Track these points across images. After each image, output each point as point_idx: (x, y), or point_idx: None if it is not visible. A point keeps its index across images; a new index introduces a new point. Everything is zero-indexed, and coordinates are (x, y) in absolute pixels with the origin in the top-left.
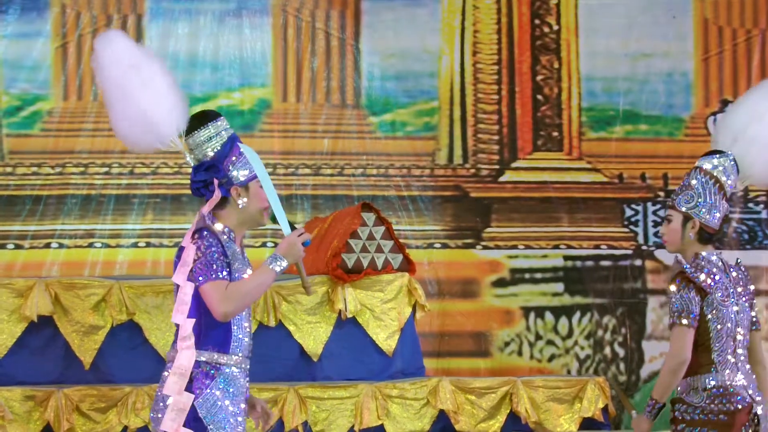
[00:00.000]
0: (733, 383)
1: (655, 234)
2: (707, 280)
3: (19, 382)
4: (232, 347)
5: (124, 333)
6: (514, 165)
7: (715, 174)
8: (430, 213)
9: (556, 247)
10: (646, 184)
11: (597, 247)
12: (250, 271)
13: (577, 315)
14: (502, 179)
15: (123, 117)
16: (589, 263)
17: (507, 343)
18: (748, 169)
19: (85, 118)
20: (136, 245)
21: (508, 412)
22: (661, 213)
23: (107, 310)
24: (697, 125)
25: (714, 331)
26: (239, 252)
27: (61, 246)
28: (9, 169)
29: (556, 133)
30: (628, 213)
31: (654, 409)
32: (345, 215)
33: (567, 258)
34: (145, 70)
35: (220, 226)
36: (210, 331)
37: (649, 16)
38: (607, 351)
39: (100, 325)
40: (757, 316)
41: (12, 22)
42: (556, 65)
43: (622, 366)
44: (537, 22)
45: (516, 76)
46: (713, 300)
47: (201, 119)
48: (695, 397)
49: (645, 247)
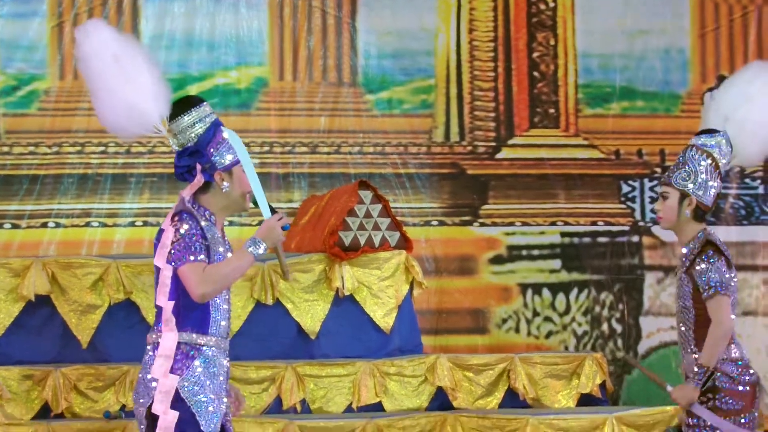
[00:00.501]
0: (744, 354)
1: (652, 210)
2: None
3: (16, 361)
4: (211, 328)
5: (121, 312)
6: (510, 142)
7: (711, 152)
8: (427, 190)
9: (553, 223)
10: (643, 160)
11: (594, 223)
12: (230, 254)
13: (575, 291)
14: (498, 156)
15: (106, 105)
16: (586, 240)
17: (504, 320)
18: (739, 148)
19: (81, 98)
20: (133, 224)
21: (506, 388)
22: (658, 189)
23: (104, 290)
24: (693, 101)
25: (734, 301)
26: (219, 235)
27: (58, 225)
28: (6, 148)
29: (552, 110)
30: (625, 189)
31: (704, 377)
32: (342, 193)
33: (564, 234)
34: (126, 58)
35: (199, 209)
36: (189, 312)
37: None
38: (604, 327)
39: (98, 305)
40: None
41: (8, 1)
42: (553, 42)
43: (620, 342)
44: None
45: (512, 53)
46: (733, 272)
47: (184, 105)
48: (730, 366)
49: (642, 224)
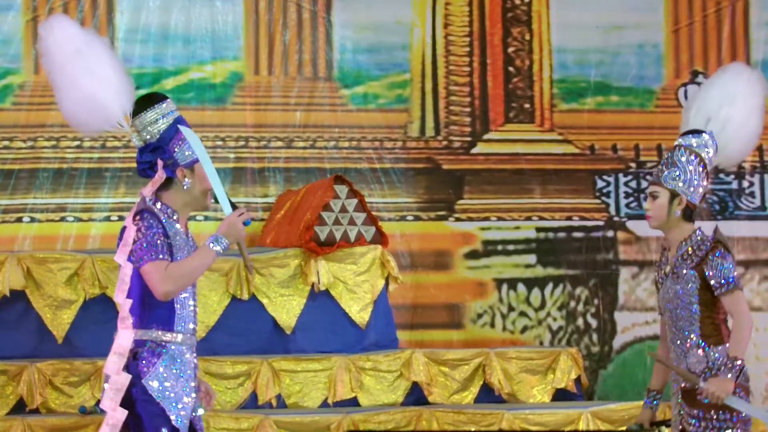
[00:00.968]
0: None
1: (627, 205)
2: None
3: None
4: (177, 325)
5: (96, 307)
6: (486, 137)
7: (699, 152)
8: (403, 185)
9: (529, 218)
10: (618, 155)
11: (569, 218)
12: (186, 248)
13: (550, 286)
14: (474, 151)
15: (69, 100)
16: (561, 235)
17: (480, 315)
18: (721, 148)
19: None
20: (108, 219)
21: (482, 383)
22: (632, 184)
23: (80, 284)
24: (668, 96)
25: None
26: (183, 232)
27: (33, 220)
28: None
29: (527, 105)
30: (600, 184)
31: (738, 370)
32: (317, 188)
33: (539, 230)
34: (90, 54)
35: (161, 206)
36: (153, 310)
37: None
38: (579, 322)
39: (73, 299)
40: None
41: None
42: (528, 37)
43: (595, 337)
44: None
45: (487, 48)
46: None
47: (147, 101)
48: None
49: (617, 219)
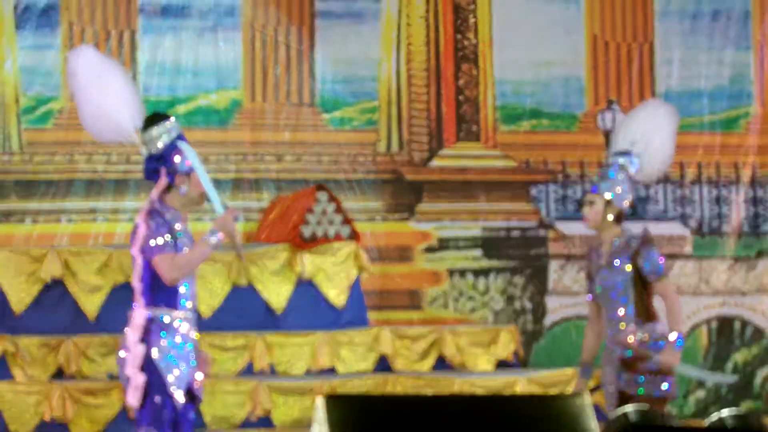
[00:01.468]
0: None
1: (555, 209)
2: None
3: (36, 332)
4: (180, 304)
5: (122, 291)
6: (441, 153)
7: (627, 168)
8: (372, 192)
9: (476, 220)
10: (548, 168)
11: (508, 220)
12: (188, 241)
13: (493, 275)
14: (431, 164)
15: (90, 115)
16: (502, 233)
17: (435, 299)
18: (643, 167)
19: None
20: (131, 219)
21: (437, 354)
22: (560, 192)
23: (108, 273)
24: (588, 120)
25: None
26: (183, 228)
27: (69, 221)
28: (27, 157)
29: (475, 127)
30: (534, 192)
31: (683, 340)
32: (303, 195)
33: (484, 229)
34: (108, 77)
35: (166, 208)
36: (161, 293)
37: (549, 32)
38: (516, 305)
39: (102, 285)
40: None
41: (28, 36)
42: (475, 72)
43: (530, 317)
44: (459, 36)
45: (442, 81)
46: None
47: (155, 119)
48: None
49: (547, 220)
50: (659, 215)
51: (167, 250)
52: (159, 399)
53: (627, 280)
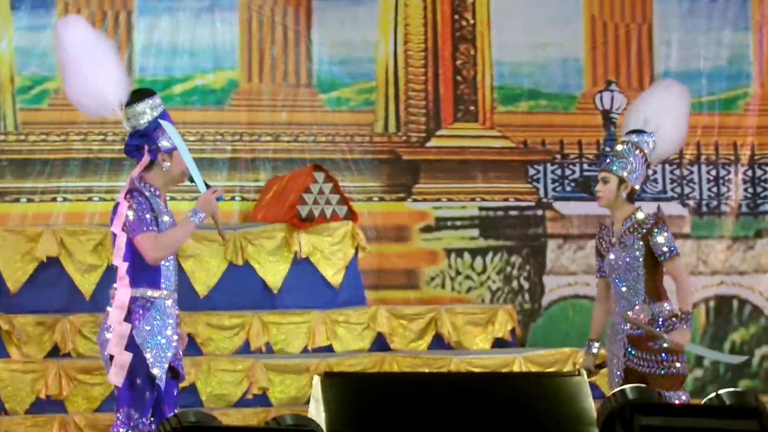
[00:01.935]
0: None
1: (553, 189)
2: None
3: (31, 311)
4: (162, 284)
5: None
6: (438, 133)
7: (642, 147)
8: (369, 172)
9: (473, 199)
10: (546, 148)
11: (506, 199)
12: (167, 220)
13: (490, 255)
14: (428, 145)
15: (76, 88)
16: (499, 213)
17: (432, 278)
18: (657, 144)
19: None
20: None
21: (434, 333)
22: (558, 172)
23: (104, 252)
24: (587, 101)
25: None
26: (164, 207)
27: (65, 200)
28: (22, 137)
29: (472, 107)
30: (531, 172)
31: (690, 319)
32: (300, 174)
33: (482, 209)
34: (96, 50)
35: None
36: (143, 272)
37: (547, 13)
38: (514, 284)
39: (98, 264)
40: None
41: (23, 16)
42: (472, 52)
43: (527, 296)
44: (456, 17)
45: (439, 61)
46: None
47: (139, 95)
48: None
49: (545, 200)
50: (658, 195)
51: (150, 229)
52: (140, 381)
53: (638, 259)
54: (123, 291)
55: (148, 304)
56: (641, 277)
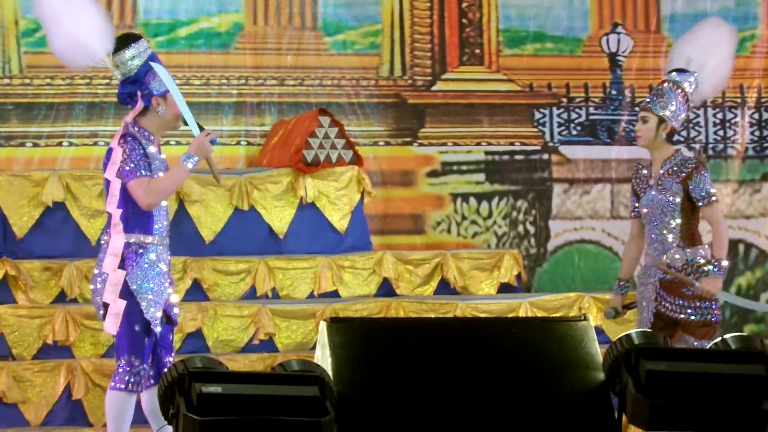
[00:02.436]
0: None
1: (559, 133)
2: None
3: (38, 256)
4: (155, 229)
5: None
6: (444, 77)
7: (683, 86)
8: (375, 116)
9: (478, 144)
10: (552, 92)
11: (512, 144)
12: (162, 165)
13: (496, 199)
14: (434, 88)
15: (59, 41)
16: (505, 157)
17: (438, 223)
18: (699, 85)
19: None
20: None
21: (440, 278)
22: (564, 116)
23: None
24: (593, 44)
25: None
26: (157, 152)
27: (70, 144)
28: (27, 80)
29: (478, 51)
30: (537, 116)
31: (723, 269)
32: (305, 118)
33: (487, 153)
34: (74, 2)
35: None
36: (136, 218)
37: None
38: (520, 229)
39: (104, 210)
40: None
41: None
42: None
43: (533, 241)
44: None
45: (445, 3)
46: None
47: (126, 40)
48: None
49: (551, 144)
50: None
51: (143, 174)
52: (138, 328)
53: (675, 202)
54: (117, 238)
55: (141, 250)
56: (677, 220)
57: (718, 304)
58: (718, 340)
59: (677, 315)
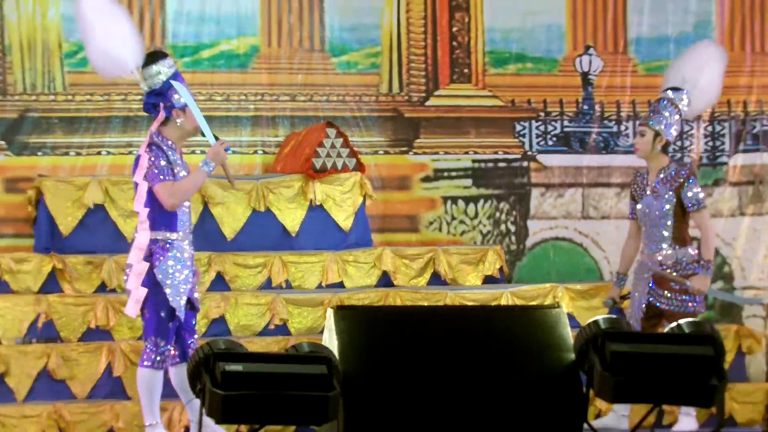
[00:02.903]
0: None
1: (537, 143)
2: None
3: (81, 251)
4: (178, 227)
5: None
6: (436, 93)
7: (677, 103)
8: (375, 128)
9: (466, 153)
10: (531, 107)
11: (495, 153)
12: (184, 173)
13: (481, 202)
14: (427, 104)
15: (96, 53)
16: (490, 165)
17: (431, 222)
18: (692, 102)
19: None
20: None
21: (432, 271)
22: (541, 128)
23: None
24: (567, 64)
25: None
26: (179, 159)
27: (108, 153)
28: (70, 97)
29: (466, 70)
30: (518, 128)
31: (711, 268)
32: (314, 130)
33: (474, 161)
34: (112, 17)
35: (165, 140)
36: (162, 217)
37: None
38: (502, 227)
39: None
40: None
41: None
42: (467, 20)
43: (514, 238)
44: None
45: (438, 28)
46: None
47: (154, 57)
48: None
49: (530, 153)
50: (628, 148)
51: (167, 178)
52: (164, 314)
53: (669, 207)
54: (143, 234)
55: (167, 245)
56: (669, 223)
57: (701, 298)
58: (674, 325)
59: (664, 306)
